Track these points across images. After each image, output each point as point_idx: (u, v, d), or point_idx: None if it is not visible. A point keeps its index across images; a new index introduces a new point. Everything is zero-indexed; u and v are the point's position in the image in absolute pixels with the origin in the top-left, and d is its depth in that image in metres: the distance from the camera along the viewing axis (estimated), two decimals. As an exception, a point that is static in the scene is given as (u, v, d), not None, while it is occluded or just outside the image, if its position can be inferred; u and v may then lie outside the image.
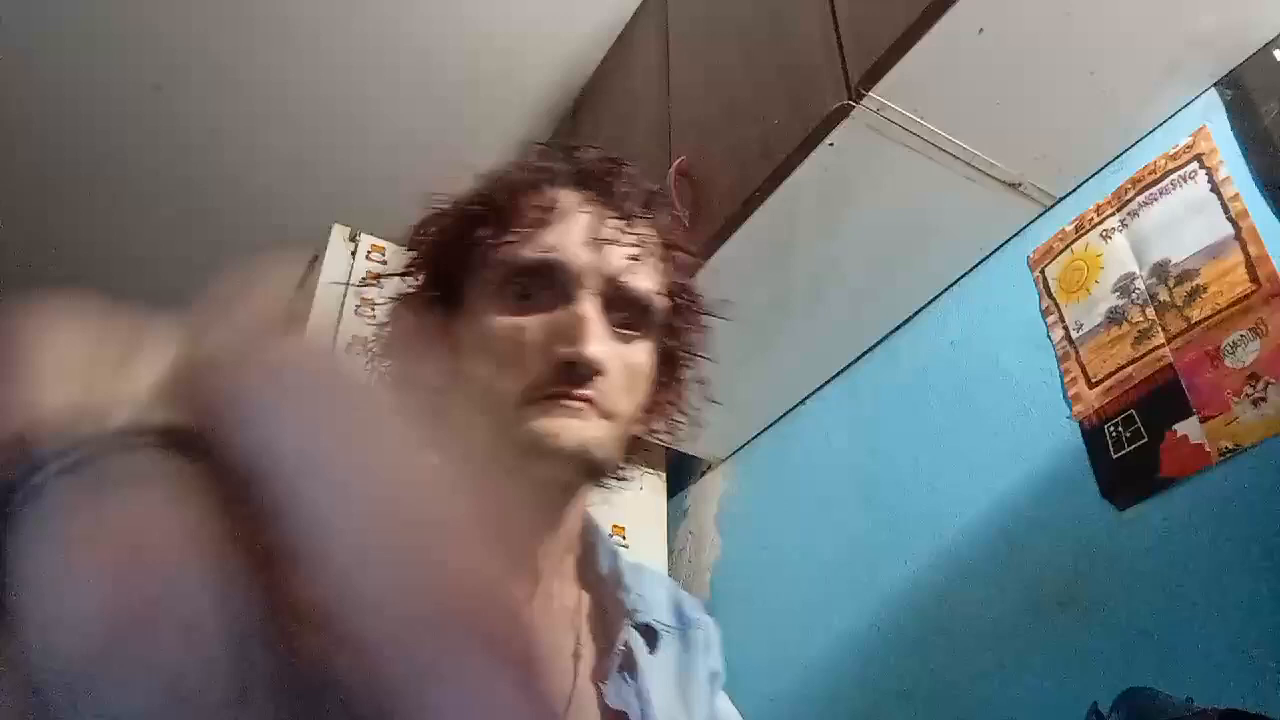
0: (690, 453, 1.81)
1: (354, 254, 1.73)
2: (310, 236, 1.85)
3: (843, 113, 1.09)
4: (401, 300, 0.70)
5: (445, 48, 2.05)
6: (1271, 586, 0.85)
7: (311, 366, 0.23)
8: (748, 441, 1.73)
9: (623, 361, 0.63)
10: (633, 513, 1.73)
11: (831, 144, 1.13)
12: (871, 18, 1.09)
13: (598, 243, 0.64)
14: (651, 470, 1.84)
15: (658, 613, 0.71)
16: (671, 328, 0.70)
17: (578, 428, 0.59)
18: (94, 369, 0.23)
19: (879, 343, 1.49)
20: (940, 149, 1.14)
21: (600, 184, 0.67)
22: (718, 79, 1.47)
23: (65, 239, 2.44)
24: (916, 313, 1.43)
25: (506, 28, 2.02)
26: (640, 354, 0.65)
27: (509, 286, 0.63)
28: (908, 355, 1.43)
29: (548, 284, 0.63)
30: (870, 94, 1.07)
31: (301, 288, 1.84)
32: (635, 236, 0.66)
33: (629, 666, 0.64)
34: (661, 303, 0.67)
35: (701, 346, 0.74)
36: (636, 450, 0.72)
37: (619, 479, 0.67)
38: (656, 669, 0.66)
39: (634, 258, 0.65)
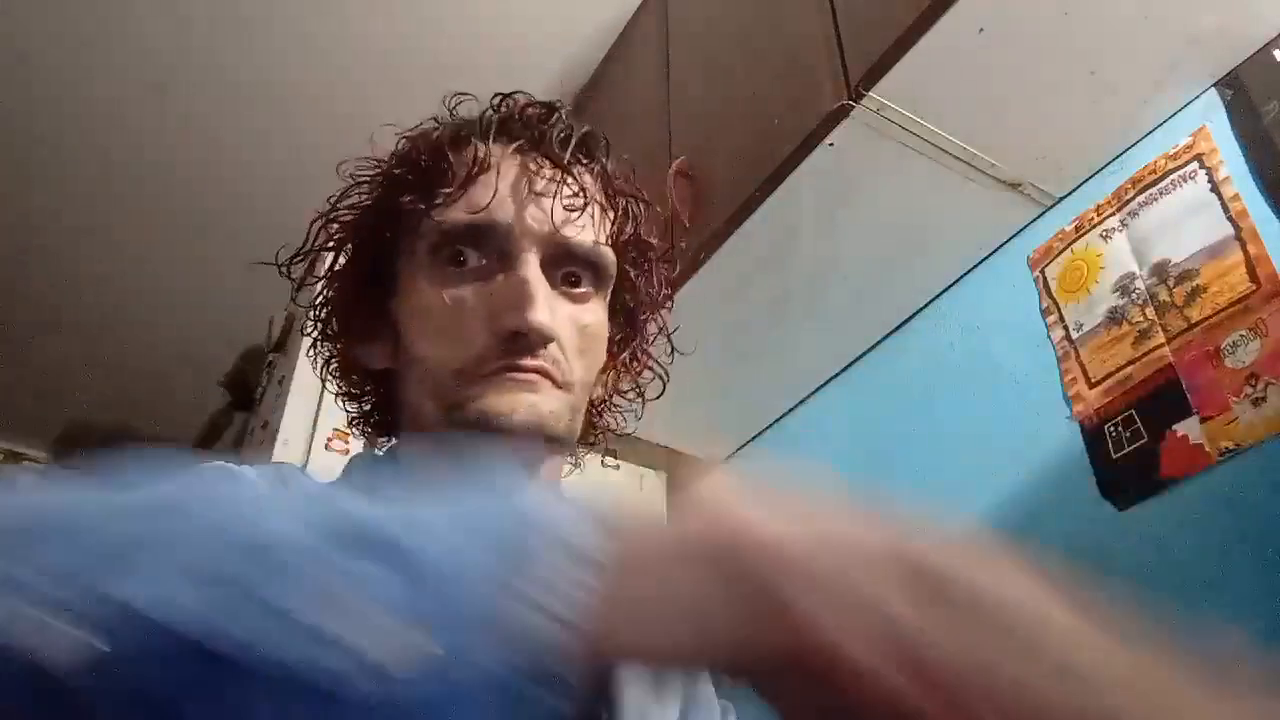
0: (690, 453, 1.81)
1: (354, 254, 1.73)
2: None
3: (843, 113, 1.09)
4: (331, 279, 0.66)
5: (445, 48, 2.05)
6: (1271, 586, 0.85)
7: None
8: (748, 441, 1.73)
9: (574, 324, 0.58)
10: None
11: (831, 144, 1.12)
12: (871, 18, 1.09)
13: (532, 196, 0.58)
14: (652, 470, 1.84)
15: None
16: (626, 280, 0.65)
17: (531, 401, 0.54)
18: None
19: (879, 343, 1.48)
20: (940, 149, 1.14)
21: (530, 131, 0.62)
22: (718, 79, 1.47)
23: (65, 239, 2.44)
24: (916, 313, 1.43)
25: (507, 27, 2.02)
26: (592, 313, 0.60)
27: (440, 253, 0.58)
28: (907, 355, 1.43)
29: (483, 247, 0.57)
30: (870, 94, 1.07)
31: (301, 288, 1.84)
32: (573, 186, 0.60)
33: None
34: (608, 255, 0.61)
35: (661, 297, 0.69)
36: (604, 417, 0.68)
37: (589, 449, 0.62)
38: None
39: (573, 209, 0.59)
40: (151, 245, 2.46)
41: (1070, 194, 1.22)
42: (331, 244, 0.66)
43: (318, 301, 0.67)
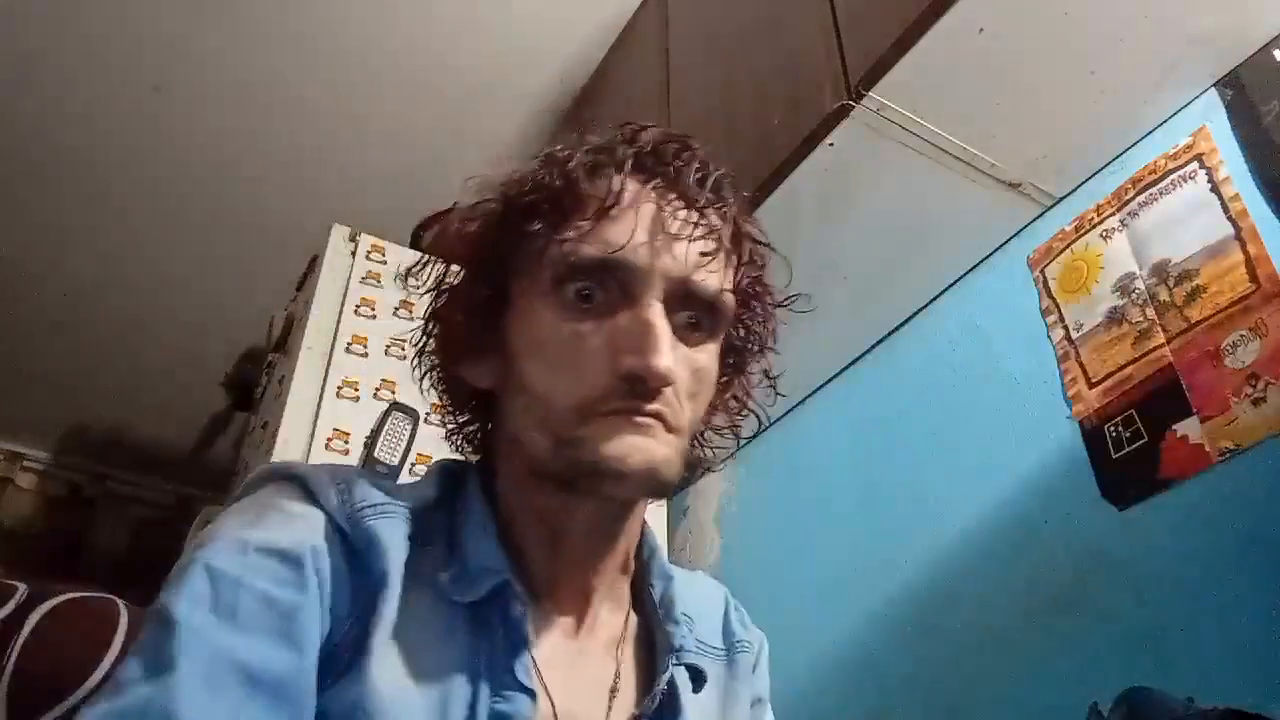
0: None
1: (354, 254, 1.73)
2: (310, 236, 1.85)
3: (843, 113, 1.09)
4: (445, 296, 0.65)
5: (445, 47, 2.05)
6: (1271, 586, 0.85)
7: None
8: (748, 441, 1.72)
9: (689, 368, 0.58)
10: (633, 513, 1.73)
11: (831, 144, 1.13)
12: (871, 18, 1.09)
13: (666, 238, 0.57)
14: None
15: (706, 635, 0.68)
16: (740, 321, 0.65)
17: (646, 448, 0.54)
18: None
19: (879, 343, 1.49)
20: (940, 149, 1.14)
21: (667, 169, 0.60)
22: (718, 79, 1.47)
23: (64, 239, 2.44)
24: (916, 313, 1.43)
25: (506, 27, 2.02)
26: (707, 357, 0.60)
27: (566, 286, 0.57)
28: (908, 355, 1.43)
29: (609, 284, 0.57)
30: (870, 94, 1.07)
31: (301, 288, 1.84)
32: (706, 229, 0.59)
33: (669, 708, 0.60)
34: (730, 302, 0.61)
35: (770, 339, 0.68)
36: (693, 451, 0.66)
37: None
38: (698, 708, 0.62)
39: (705, 253, 0.58)
40: (151, 245, 2.46)
41: (1070, 194, 1.22)
42: (448, 257, 0.65)
43: (426, 314, 0.66)
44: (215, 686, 0.45)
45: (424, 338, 0.66)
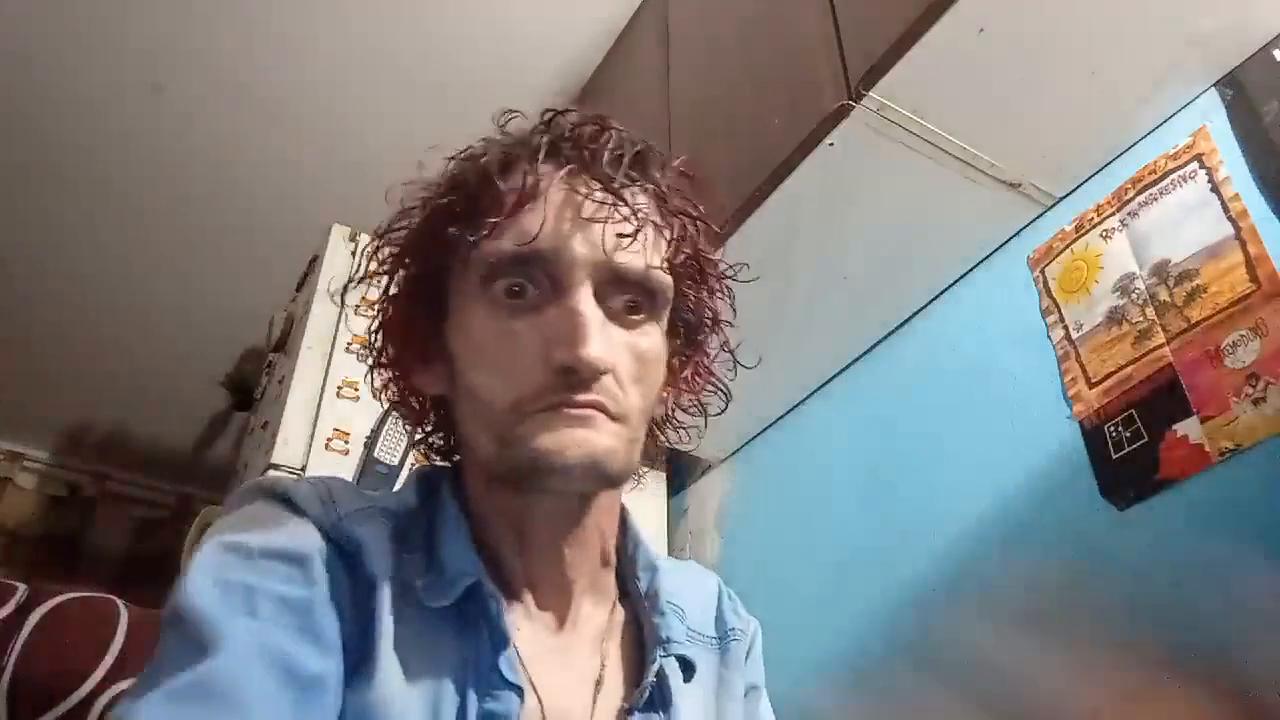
0: (690, 452, 1.81)
1: (354, 254, 1.73)
2: (310, 236, 1.85)
3: (843, 113, 1.09)
4: (387, 304, 0.65)
5: (445, 48, 2.05)
6: (1272, 586, 0.85)
7: None
8: (748, 441, 1.73)
9: (631, 352, 0.57)
10: (632, 512, 1.73)
11: (831, 144, 1.13)
12: (871, 18, 1.09)
13: (582, 222, 0.56)
14: (651, 469, 1.84)
15: (698, 624, 0.68)
16: (684, 297, 0.63)
17: (585, 439, 0.53)
18: None
19: (879, 342, 1.49)
20: (940, 149, 1.14)
21: (581, 151, 0.58)
22: (718, 79, 1.47)
23: (64, 240, 2.44)
24: (917, 312, 1.43)
25: (506, 28, 2.02)
26: (649, 338, 0.58)
27: (493, 284, 0.56)
28: (908, 355, 1.43)
29: (536, 278, 0.56)
30: (870, 94, 1.07)
31: (301, 288, 1.84)
32: (626, 208, 0.57)
33: (661, 701, 0.59)
34: (663, 279, 0.59)
35: (722, 311, 0.67)
36: (664, 434, 0.66)
37: (649, 467, 0.61)
38: (691, 699, 0.61)
39: (626, 234, 0.56)
40: (151, 245, 2.46)
41: (1070, 194, 1.22)
42: (384, 269, 0.65)
43: (372, 326, 0.66)
44: (263, 666, 0.46)
45: (372, 351, 0.66)
